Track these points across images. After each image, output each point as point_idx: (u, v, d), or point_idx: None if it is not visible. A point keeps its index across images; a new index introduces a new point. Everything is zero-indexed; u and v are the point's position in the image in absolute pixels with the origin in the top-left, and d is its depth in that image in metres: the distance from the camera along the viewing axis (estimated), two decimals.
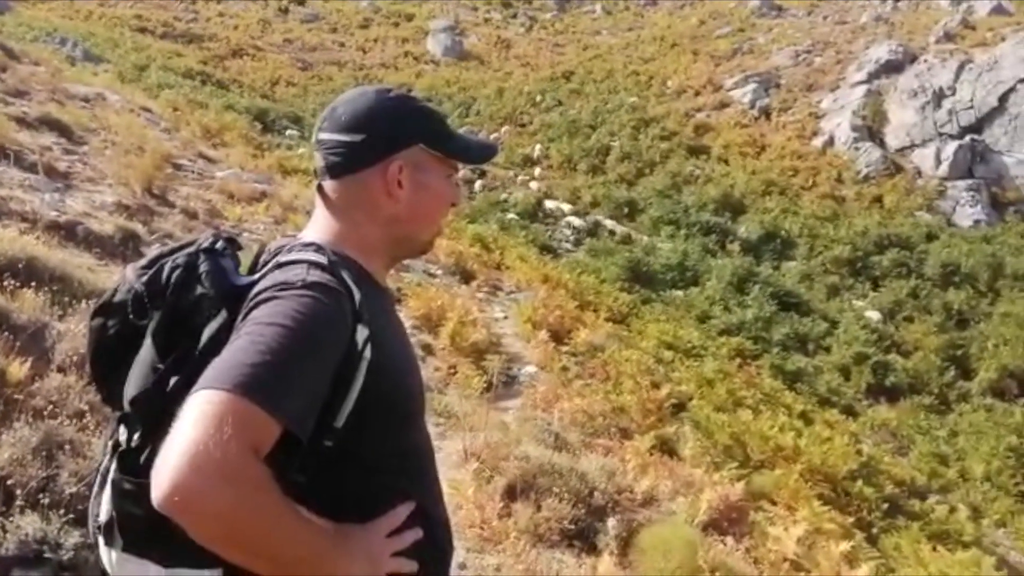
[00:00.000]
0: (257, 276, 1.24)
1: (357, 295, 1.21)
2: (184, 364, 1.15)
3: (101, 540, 1.22)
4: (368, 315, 1.21)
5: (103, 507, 1.22)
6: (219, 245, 1.29)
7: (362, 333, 1.18)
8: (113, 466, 1.21)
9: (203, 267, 1.23)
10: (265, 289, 1.17)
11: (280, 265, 1.24)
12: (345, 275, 1.22)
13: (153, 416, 1.14)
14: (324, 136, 1.36)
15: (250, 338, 1.07)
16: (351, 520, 1.20)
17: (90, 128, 9.41)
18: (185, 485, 0.94)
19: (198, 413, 0.98)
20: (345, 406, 1.17)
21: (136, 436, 1.18)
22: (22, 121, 8.35)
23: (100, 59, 21.66)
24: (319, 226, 1.37)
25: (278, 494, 1.02)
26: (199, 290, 1.21)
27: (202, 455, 0.95)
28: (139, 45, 27.79)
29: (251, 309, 1.14)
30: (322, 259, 1.23)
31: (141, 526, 1.13)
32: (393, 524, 1.23)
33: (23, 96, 9.45)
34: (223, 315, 1.17)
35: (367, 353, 1.18)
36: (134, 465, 1.16)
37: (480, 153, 1.50)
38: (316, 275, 1.19)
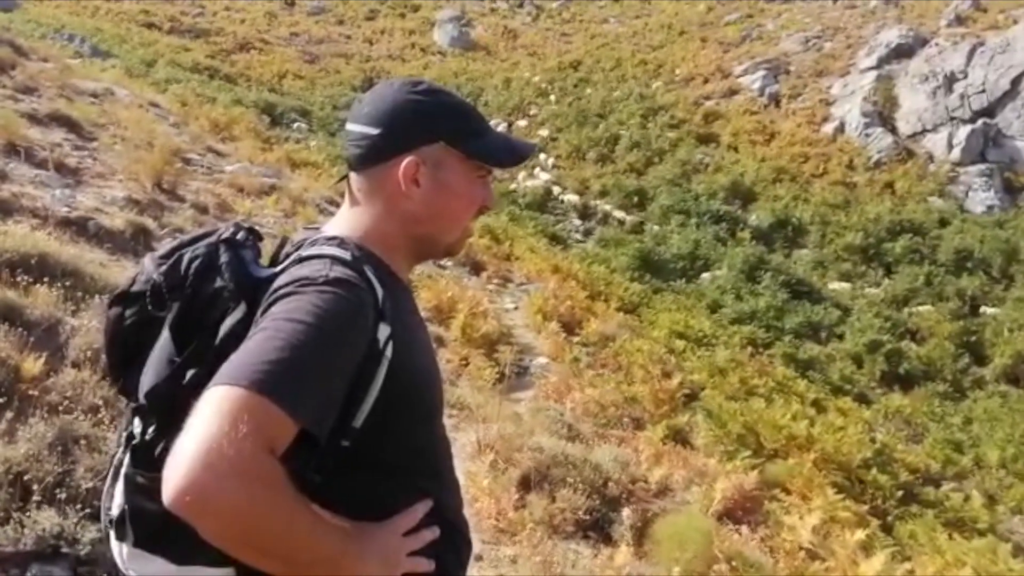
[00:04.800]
0: (278, 269, 1.22)
1: (380, 292, 1.18)
2: (201, 357, 1.13)
3: (113, 534, 1.21)
4: (390, 313, 1.18)
5: (115, 501, 1.21)
6: (240, 236, 1.27)
7: (383, 331, 1.16)
8: (126, 459, 1.20)
9: (223, 258, 1.21)
10: (286, 284, 1.14)
11: (302, 259, 1.21)
12: (368, 271, 1.20)
13: (168, 409, 1.13)
14: (349, 126, 1.34)
15: (268, 334, 1.05)
16: (368, 519, 1.18)
17: (99, 124, 9.42)
18: (197, 483, 0.92)
19: (213, 410, 0.96)
20: (364, 406, 1.14)
21: (151, 429, 1.17)
22: (32, 118, 8.36)
23: (108, 55, 21.69)
24: (343, 219, 1.34)
25: (292, 493, 1.00)
26: (218, 282, 1.19)
27: (215, 453, 0.93)
28: (146, 40, 27.81)
29: (271, 304, 1.11)
30: (345, 254, 1.21)
31: (154, 521, 1.11)
32: (410, 523, 1.21)
33: (32, 93, 9.46)
34: (242, 308, 1.16)
35: (388, 352, 1.16)
36: (148, 459, 1.15)
37: (508, 156, 1.40)
38: (338, 271, 1.16)
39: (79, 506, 2.77)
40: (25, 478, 2.83)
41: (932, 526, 6.86)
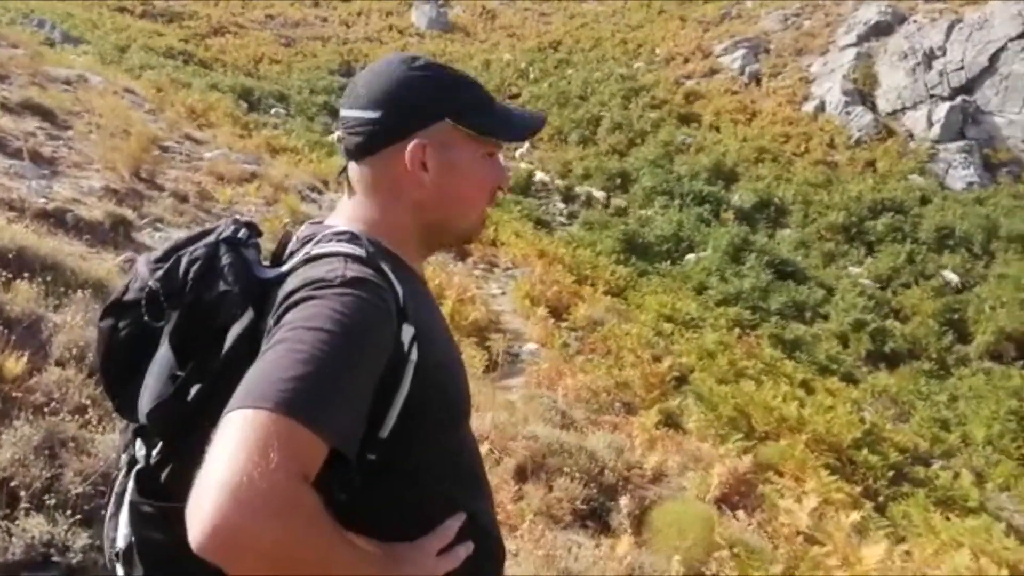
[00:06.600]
0: (286, 269, 1.11)
1: (400, 290, 1.08)
2: (206, 370, 1.03)
3: (120, 568, 1.11)
4: (412, 311, 1.08)
5: (120, 532, 1.11)
6: (241, 234, 1.16)
7: (407, 332, 1.06)
8: (130, 486, 1.10)
9: (224, 260, 1.10)
10: (299, 288, 1.03)
11: (312, 258, 1.10)
12: (385, 267, 1.10)
13: (173, 429, 1.03)
14: (344, 113, 1.22)
15: (288, 346, 0.94)
16: (397, 534, 1.09)
17: (73, 111, 9.20)
18: (229, 524, 0.82)
19: (238, 438, 0.86)
20: (391, 415, 1.05)
21: (155, 452, 1.07)
22: (4, 106, 8.15)
23: (79, 40, 21.25)
24: (348, 212, 1.24)
25: (330, 525, 0.91)
26: (221, 286, 1.08)
27: (246, 487, 0.82)
28: (118, 25, 27.29)
29: (284, 312, 1.01)
30: (359, 251, 1.10)
31: (163, 552, 1.02)
32: (444, 541, 1.13)
33: (3, 80, 9.21)
34: (249, 314, 1.05)
35: (413, 354, 1.06)
36: (154, 485, 1.05)
37: (517, 130, 1.30)
38: (355, 269, 1.05)
39: (69, 512, 2.67)
40: (12, 484, 2.72)
41: (925, 506, 6.89)
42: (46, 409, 3.15)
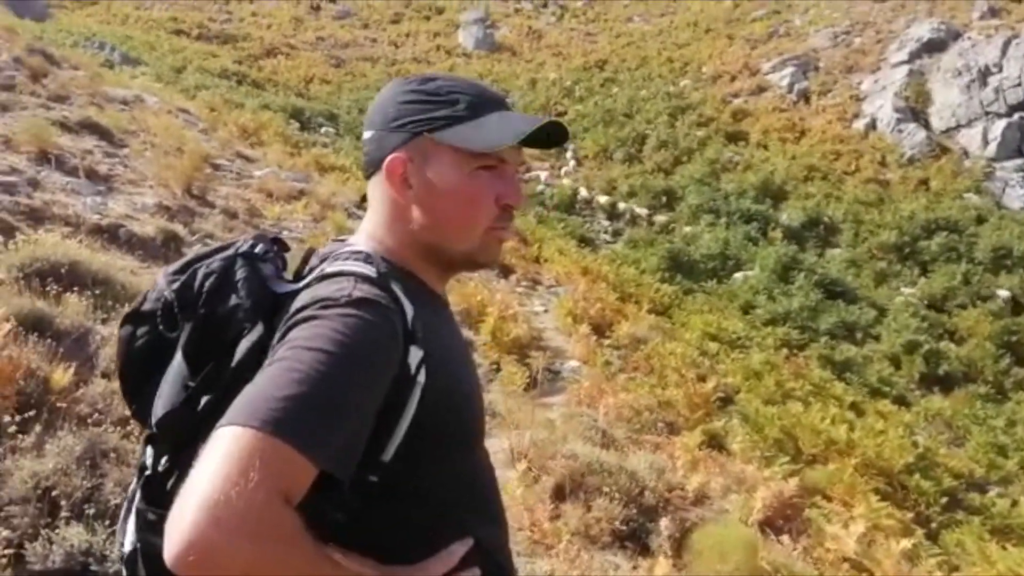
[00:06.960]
0: (301, 285, 1.11)
1: (410, 311, 1.07)
2: (217, 382, 1.04)
3: (125, 572, 1.13)
4: (422, 333, 1.07)
5: (128, 536, 1.13)
6: (259, 248, 1.17)
7: (415, 355, 1.05)
8: (138, 492, 1.12)
9: (239, 273, 1.11)
10: (305, 306, 1.03)
11: (324, 277, 1.10)
12: (396, 288, 1.09)
13: (182, 438, 1.04)
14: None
15: (285, 364, 0.94)
16: (402, 557, 1.07)
17: (129, 130, 9.47)
18: (201, 542, 0.82)
19: (222, 454, 0.86)
20: (394, 438, 1.04)
21: (163, 460, 1.08)
22: (63, 125, 8.42)
23: (138, 62, 21.91)
24: (367, 231, 1.25)
25: (310, 547, 0.90)
26: (233, 300, 1.09)
27: (222, 506, 0.82)
28: (175, 47, 28.08)
29: (289, 329, 1.01)
30: (370, 271, 1.10)
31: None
32: (448, 565, 1.09)
33: (64, 101, 9.53)
34: (259, 328, 1.06)
35: (420, 377, 1.05)
36: (159, 493, 1.06)
37: (487, 139, 1.16)
38: (363, 290, 1.05)
39: (108, 522, 2.72)
40: (53, 493, 2.78)
41: (980, 534, 6.64)
42: (90, 420, 3.22)
